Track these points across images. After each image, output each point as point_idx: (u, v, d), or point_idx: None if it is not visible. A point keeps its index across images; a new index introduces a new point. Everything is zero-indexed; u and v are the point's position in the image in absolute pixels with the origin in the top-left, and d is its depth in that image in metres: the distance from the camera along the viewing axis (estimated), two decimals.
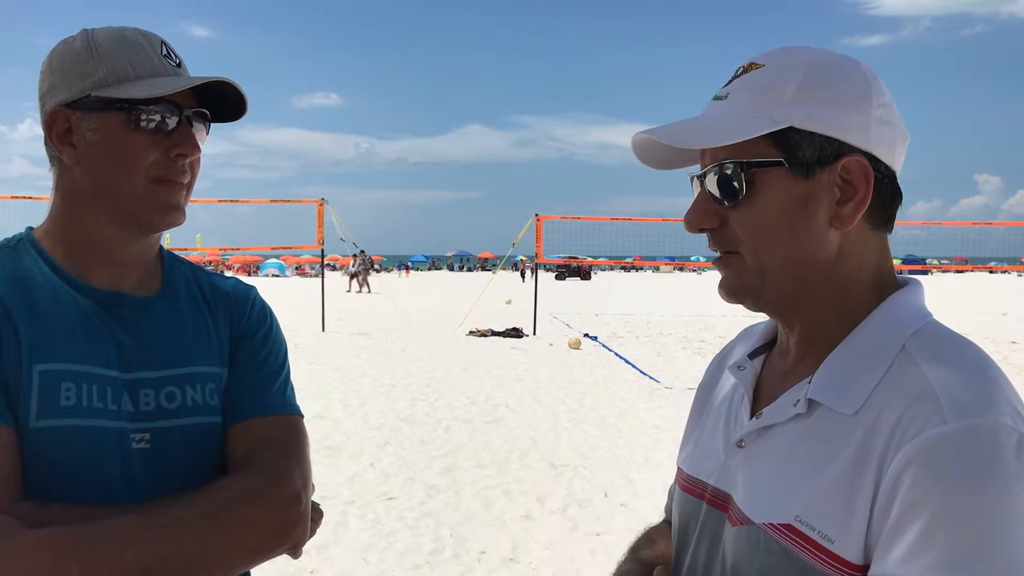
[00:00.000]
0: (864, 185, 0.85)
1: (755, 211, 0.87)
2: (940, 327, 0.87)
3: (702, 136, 0.88)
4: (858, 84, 0.86)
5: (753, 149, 0.85)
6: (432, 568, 4.13)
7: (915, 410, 0.76)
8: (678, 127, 0.90)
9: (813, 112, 0.84)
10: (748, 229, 0.88)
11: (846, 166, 0.84)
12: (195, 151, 1.13)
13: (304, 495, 1.13)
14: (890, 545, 0.73)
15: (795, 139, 0.84)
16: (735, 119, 0.86)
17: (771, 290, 0.89)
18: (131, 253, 1.17)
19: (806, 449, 0.84)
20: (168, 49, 1.14)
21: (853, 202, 0.85)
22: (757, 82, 0.87)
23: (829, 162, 0.85)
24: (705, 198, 0.90)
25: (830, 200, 0.85)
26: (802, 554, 0.80)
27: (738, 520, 0.89)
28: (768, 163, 0.85)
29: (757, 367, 1.00)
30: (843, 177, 0.85)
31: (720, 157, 0.88)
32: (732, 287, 0.91)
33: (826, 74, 0.85)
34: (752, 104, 0.86)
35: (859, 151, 0.85)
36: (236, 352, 1.23)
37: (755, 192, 0.86)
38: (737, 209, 0.88)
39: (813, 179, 0.85)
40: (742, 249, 0.89)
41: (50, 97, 1.12)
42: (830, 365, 0.86)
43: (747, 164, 0.86)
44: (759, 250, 0.88)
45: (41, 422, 1.03)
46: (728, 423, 0.99)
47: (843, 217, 0.85)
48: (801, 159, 0.85)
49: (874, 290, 0.89)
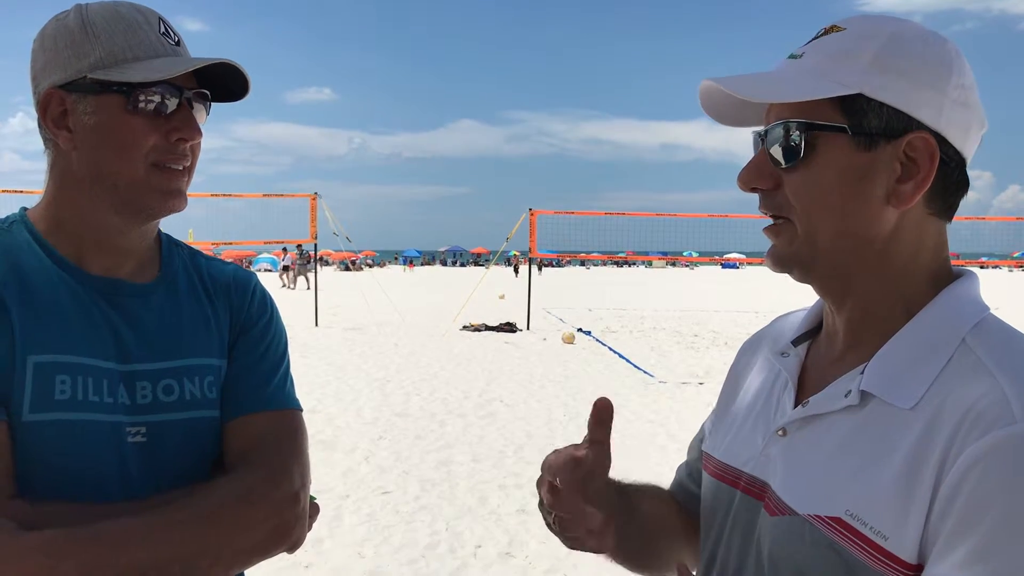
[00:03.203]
0: (928, 165, 0.81)
1: (811, 176, 0.84)
2: (1000, 321, 0.84)
3: (768, 90, 0.86)
4: (938, 60, 0.82)
5: (819, 112, 0.83)
6: (427, 562, 4.12)
7: (981, 408, 0.73)
8: (746, 79, 0.87)
9: (886, 82, 0.81)
10: (802, 194, 0.85)
11: (912, 142, 0.81)
12: (196, 135, 1.09)
13: (303, 494, 1.11)
14: (950, 548, 0.70)
15: (863, 107, 0.81)
16: (806, 78, 0.84)
17: (822, 262, 0.87)
18: (130, 240, 1.13)
19: (859, 442, 0.81)
20: (166, 26, 1.09)
21: (914, 181, 0.82)
22: (835, 45, 0.84)
23: (895, 136, 0.81)
24: (763, 158, 0.88)
25: (890, 176, 0.82)
26: (851, 549, 0.77)
27: (777, 510, 0.86)
28: (831, 127, 0.82)
29: (802, 354, 0.97)
30: (907, 154, 0.82)
31: (784, 116, 0.85)
32: (781, 256, 0.89)
33: (906, 46, 0.82)
34: (826, 66, 0.83)
35: (928, 129, 0.81)
36: (236, 343, 1.20)
37: (814, 156, 0.83)
38: (793, 172, 0.85)
39: (875, 151, 0.82)
40: (793, 216, 0.86)
41: (43, 77, 1.07)
42: (885, 356, 0.83)
43: (810, 126, 0.83)
44: (811, 218, 0.85)
45: (34, 416, 1.00)
46: (767, 411, 0.96)
47: (901, 195, 0.82)
48: (866, 128, 0.82)
49: (931, 279, 0.86)
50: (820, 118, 0.83)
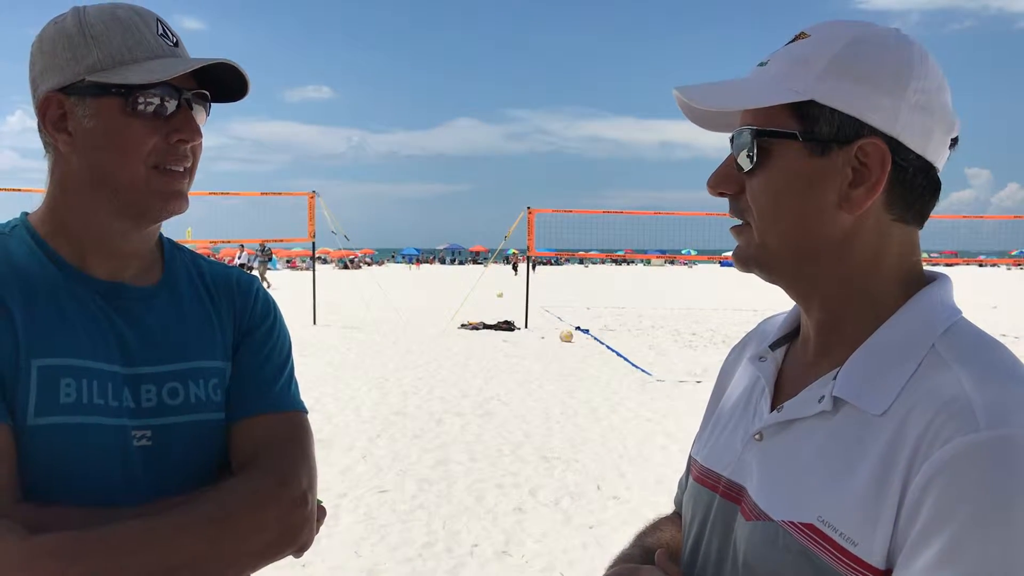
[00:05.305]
0: (879, 170, 0.81)
1: (766, 181, 0.86)
2: (970, 326, 0.84)
3: (721, 98, 0.87)
4: (897, 64, 0.82)
5: (774, 118, 0.84)
6: (424, 561, 4.12)
7: (947, 414, 0.73)
8: (710, 88, 0.89)
9: (838, 88, 0.81)
10: (757, 199, 0.87)
11: (863, 148, 0.81)
12: (196, 136, 1.09)
13: (310, 495, 1.10)
14: (915, 553, 0.71)
15: (815, 114, 0.82)
16: (763, 86, 0.85)
17: (777, 264, 0.88)
18: (131, 243, 1.12)
19: (831, 448, 0.82)
20: (164, 27, 1.08)
21: (864, 187, 0.82)
22: (797, 52, 0.85)
23: (847, 142, 0.82)
24: (730, 162, 0.90)
25: (842, 181, 0.83)
26: (822, 555, 0.78)
27: (752, 515, 0.87)
28: (781, 134, 0.84)
29: (779, 358, 0.98)
30: (859, 159, 0.82)
31: (747, 122, 0.87)
32: (741, 256, 0.91)
33: (864, 50, 0.82)
34: (783, 73, 0.84)
35: (881, 134, 0.81)
36: (239, 346, 1.19)
37: (767, 162, 0.85)
38: (753, 178, 0.87)
39: (828, 157, 0.83)
40: (750, 219, 0.88)
41: (42, 81, 1.07)
42: (856, 361, 0.84)
43: (761, 132, 0.85)
44: (764, 222, 0.87)
45: (39, 420, 1.00)
46: (746, 415, 0.97)
47: (852, 200, 0.82)
48: (817, 135, 0.82)
49: (899, 283, 0.86)
50: (774, 124, 0.85)
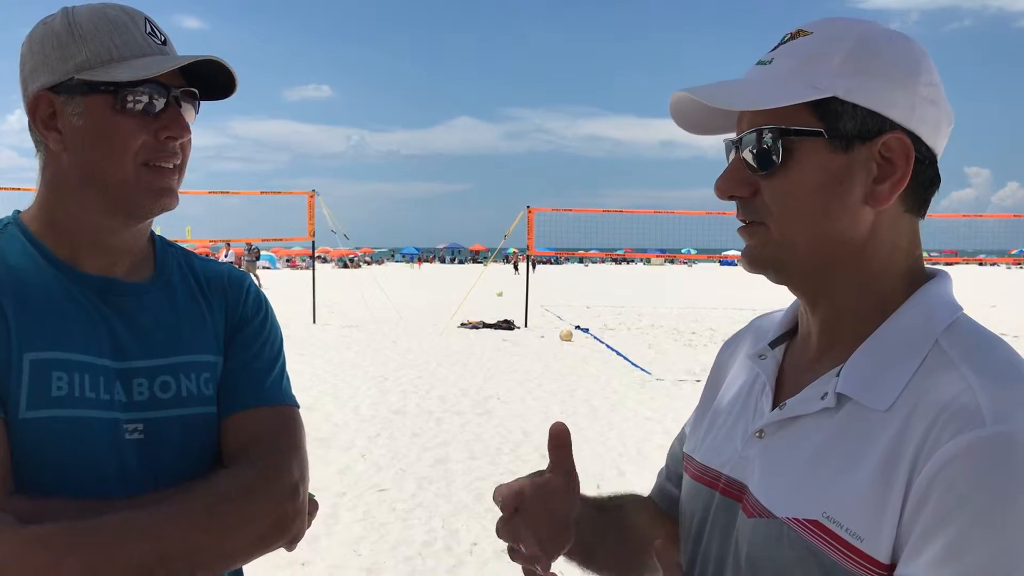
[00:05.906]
0: (904, 164, 0.82)
1: (789, 182, 0.84)
2: (972, 323, 0.84)
3: (742, 98, 0.85)
4: (907, 60, 0.83)
5: (793, 117, 0.83)
6: (424, 560, 4.13)
7: (952, 410, 0.73)
8: (718, 88, 0.87)
9: (859, 84, 0.81)
10: (780, 200, 0.85)
11: (887, 143, 0.82)
12: (185, 133, 1.10)
13: (302, 487, 1.11)
14: (920, 548, 0.71)
15: (837, 110, 0.82)
16: (777, 84, 0.83)
17: (797, 264, 0.87)
18: (123, 239, 1.14)
19: (835, 444, 0.81)
20: (152, 26, 1.10)
21: (890, 181, 0.82)
22: (804, 49, 0.84)
23: (870, 137, 0.82)
24: (739, 165, 0.88)
25: (867, 177, 0.82)
26: (827, 551, 0.78)
27: (755, 512, 0.87)
28: (807, 132, 0.83)
29: (779, 356, 0.97)
30: (882, 154, 0.82)
31: (758, 123, 0.85)
32: (755, 257, 0.89)
33: (876, 47, 0.82)
34: (796, 70, 0.83)
35: (901, 128, 0.82)
36: (231, 341, 1.20)
37: (791, 162, 0.84)
38: (770, 179, 0.85)
39: (851, 153, 0.82)
40: (769, 220, 0.86)
41: (32, 80, 1.08)
42: (860, 357, 0.83)
43: (785, 131, 0.83)
44: (788, 223, 0.85)
45: (31, 412, 1.00)
46: (746, 412, 0.97)
47: (879, 196, 0.82)
48: (842, 131, 0.82)
49: (905, 279, 0.86)
50: (796, 123, 0.83)
